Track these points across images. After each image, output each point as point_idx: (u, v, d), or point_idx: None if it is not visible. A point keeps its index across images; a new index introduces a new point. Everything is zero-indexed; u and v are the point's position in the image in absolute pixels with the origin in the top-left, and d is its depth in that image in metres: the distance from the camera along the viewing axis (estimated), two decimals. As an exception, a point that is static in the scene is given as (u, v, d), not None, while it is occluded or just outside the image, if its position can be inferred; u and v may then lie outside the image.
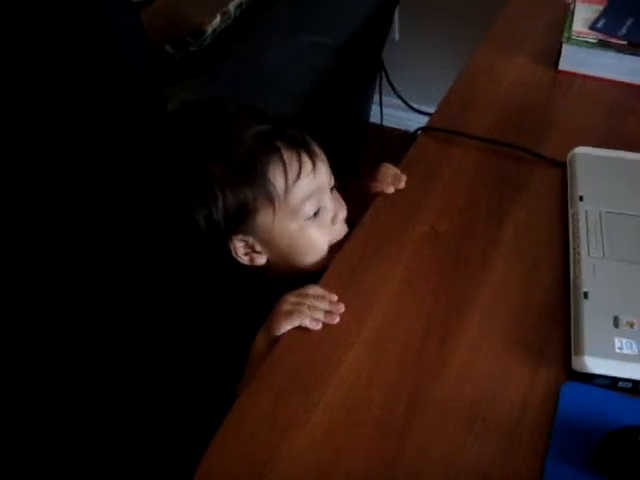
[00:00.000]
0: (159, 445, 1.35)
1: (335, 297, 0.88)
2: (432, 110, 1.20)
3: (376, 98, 2.26)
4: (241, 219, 0.95)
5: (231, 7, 1.57)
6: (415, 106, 1.53)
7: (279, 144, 0.95)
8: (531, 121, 1.17)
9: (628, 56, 1.25)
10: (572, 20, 1.31)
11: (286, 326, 0.86)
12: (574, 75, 1.27)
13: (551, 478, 0.70)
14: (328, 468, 0.71)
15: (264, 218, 0.96)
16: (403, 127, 2.21)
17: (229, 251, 0.99)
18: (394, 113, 2.24)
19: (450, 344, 0.83)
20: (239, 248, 0.99)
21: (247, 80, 1.44)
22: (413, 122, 1.26)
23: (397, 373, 0.80)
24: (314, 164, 0.97)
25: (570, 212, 0.97)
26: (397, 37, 2.45)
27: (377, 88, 2.23)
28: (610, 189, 0.99)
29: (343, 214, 1.02)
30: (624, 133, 1.14)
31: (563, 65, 1.28)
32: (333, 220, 1.00)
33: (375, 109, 2.24)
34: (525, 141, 1.10)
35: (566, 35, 1.27)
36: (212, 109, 1.07)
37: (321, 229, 0.99)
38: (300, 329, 0.85)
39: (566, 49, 1.27)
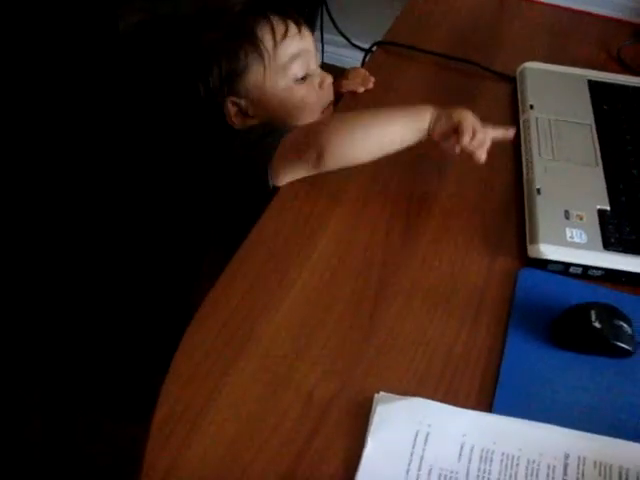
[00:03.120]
0: (145, 322, 1.38)
1: None
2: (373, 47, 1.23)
3: (317, 36, 2.27)
4: (234, 79, 1.02)
5: None
6: (356, 43, 1.55)
7: (265, 12, 1.03)
8: (481, 40, 1.22)
9: (571, -18, 1.30)
10: (518, -54, 1.36)
11: None
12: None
13: (512, 350, 0.75)
14: (303, 348, 0.75)
15: (256, 76, 1.02)
16: (344, 64, 2.24)
17: (224, 117, 1.04)
18: (335, 50, 2.26)
19: (413, 237, 0.87)
20: (232, 110, 1.04)
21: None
22: (353, 59, 1.28)
23: (365, 262, 0.83)
24: (300, 29, 1.04)
25: (521, 119, 1.02)
26: (338, -25, 2.46)
27: (319, 25, 2.25)
28: (557, 99, 1.06)
29: (330, 79, 1.07)
30: (567, 52, 1.21)
31: (510, -11, 1.33)
32: (321, 85, 1.06)
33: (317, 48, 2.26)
34: (476, 58, 1.15)
35: (513, -39, 1.32)
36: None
37: (310, 90, 1.05)
38: (273, 221, 0.88)
39: (513, -26, 1.32)
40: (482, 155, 0.88)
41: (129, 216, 1.45)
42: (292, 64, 1.03)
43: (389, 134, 0.89)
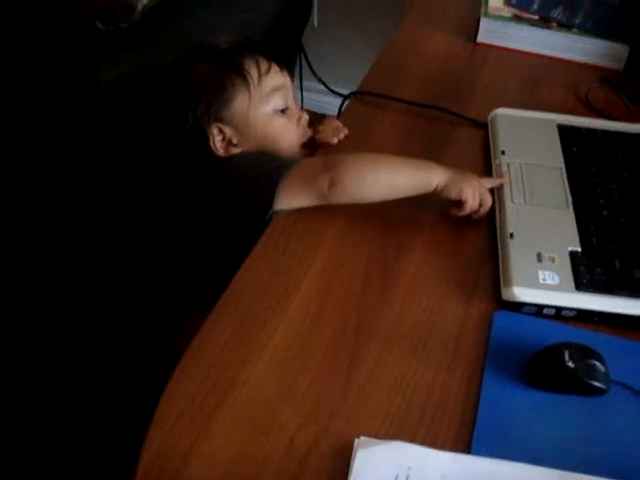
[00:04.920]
0: (129, 369, 1.38)
1: None
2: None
3: (297, 83, 2.31)
4: (220, 106, 1.08)
5: (159, -15, 1.60)
6: (334, 89, 1.58)
7: (250, 50, 1.11)
8: (454, 88, 1.25)
9: (539, 29, 1.35)
10: (489, -3, 1.41)
11: None
12: (491, 47, 1.37)
13: (489, 391, 0.77)
14: (285, 394, 0.76)
15: (241, 104, 1.08)
16: (323, 110, 2.28)
17: (207, 142, 1.09)
18: (314, 97, 2.29)
19: (390, 283, 0.89)
20: (217, 138, 1.09)
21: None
22: (332, 105, 1.32)
23: (344, 308, 0.85)
24: (281, 69, 1.12)
25: (494, 165, 1.05)
26: (316, 23, 2.51)
27: (298, 73, 2.29)
28: (528, 144, 1.08)
29: (307, 117, 1.14)
30: (537, 97, 1.24)
31: (481, 38, 1.37)
32: (299, 121, 1.13)
33: (295, 93, 2.29)
34: (449, 105, 1.18)
35: (483, 10, 1.37)
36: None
37: (289, 122, 1.11)
38: (255, 271, 0.89)
39: (484, 23, 1.36)
40: (484, 212, 0.97)
41: (115, 262, 1.46)
42: (274, 95, 1.10)
43: (397, 184, 0.95)
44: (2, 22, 1.25)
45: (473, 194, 0.95)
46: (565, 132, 1.11)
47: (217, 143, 1.10)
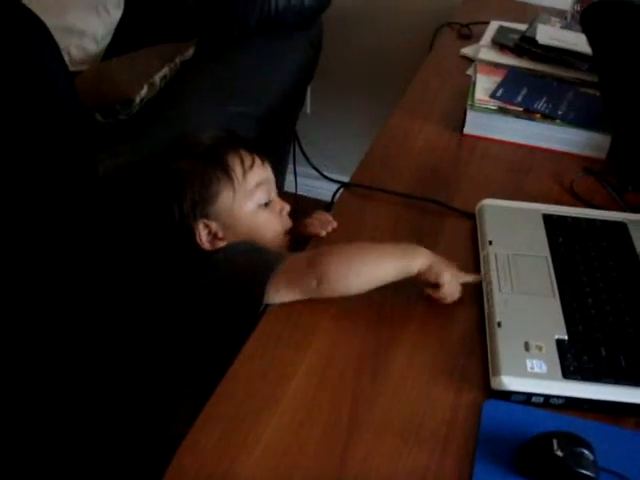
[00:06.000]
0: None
1: None
2: (343, 178, 1.30)
3: (290, 168, 2.36)
4: (206, 203, 1.11)
5: (157, 78, 1.66)
6: (328, 175, 1.62)
7: (233, 145, 1.15)
8: (442, 179, 1.29)
9: (524, 121, 1.40)
10: (474, 90, 1.46)
11: None
12: (478, 138, 1.41)
13: (479, 481, 0.78)
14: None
15: (226, 200, 1.12)
16: (316, 195, 2.33)
17: (193, 237, 1.12)
18: (308, 182, 2.35)
19: (381, 374, 0.91)
20: (202, 233, 1.12)
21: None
22: (326, 190, 1.36)
23: (336, 399, 0.87)
24: (262, 161, 1.16)
25: (481, 255, 1.08)
26: (309, 111, 2.58)
27: (291, 159, 2.35)
28: (514, 234, 1.11)
29: (288, 208, 1.18)
30: (523, 187, 1.28)
31: (468, 129, 1.42)
32: (281, 212, 1.17)
33: (289, 179, 2.35)
34: (438, 196, 1.21)
35: (470, 102, 1.42)
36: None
37: (272, 215, 1.16)
38: (249, 362, 0.91)
39: (470, 115, 1.41)
40: (449, 302, 1.00)
41: (109, 349, 1.47)
42: (257, 190, 1.14)
43: (380, 272, 0.98)
44: (4, 110, 1.29)
45: (450, 280, 0.98)
46: (550, 222, 1.14)
47: (203, 238, 1.13)
